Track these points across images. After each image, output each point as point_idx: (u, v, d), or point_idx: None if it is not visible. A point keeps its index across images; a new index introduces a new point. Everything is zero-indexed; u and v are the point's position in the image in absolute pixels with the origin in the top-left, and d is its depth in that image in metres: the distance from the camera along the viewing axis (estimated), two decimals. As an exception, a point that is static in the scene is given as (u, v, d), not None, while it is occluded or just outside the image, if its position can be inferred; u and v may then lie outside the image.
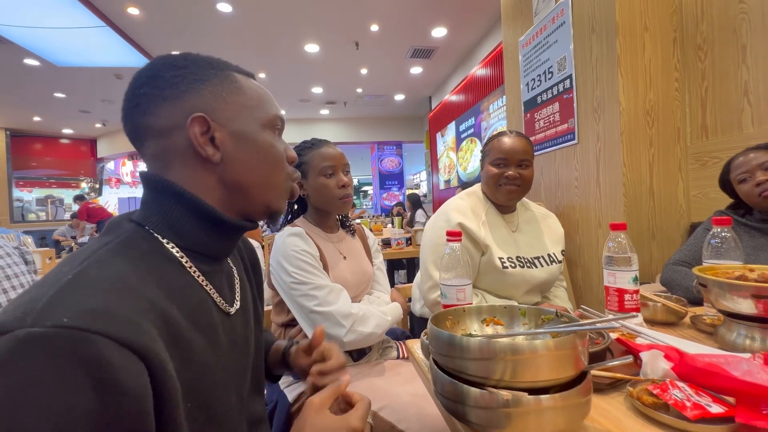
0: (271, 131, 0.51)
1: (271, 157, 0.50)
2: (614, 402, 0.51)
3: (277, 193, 0.52)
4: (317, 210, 1.09)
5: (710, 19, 1.61)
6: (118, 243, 0.41)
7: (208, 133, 0.45)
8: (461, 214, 1.13)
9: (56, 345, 0.28)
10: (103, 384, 0.29)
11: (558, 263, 1.20)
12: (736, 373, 0.46)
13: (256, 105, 0.50)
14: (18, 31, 4.29)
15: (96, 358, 0.29)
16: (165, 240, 0.44)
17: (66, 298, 0.32)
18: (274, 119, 0.51)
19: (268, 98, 0.52)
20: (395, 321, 1.03)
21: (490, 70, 4.54)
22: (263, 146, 0.49)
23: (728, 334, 0.65)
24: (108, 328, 0.31)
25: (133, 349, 0.31)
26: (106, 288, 0.34)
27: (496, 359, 0.40)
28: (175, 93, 0.45)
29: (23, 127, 8.58)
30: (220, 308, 0.48)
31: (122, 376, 0.30)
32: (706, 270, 0.70)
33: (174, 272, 0.43)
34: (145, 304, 0.36)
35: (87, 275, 0.35)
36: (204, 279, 0.46)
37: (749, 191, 1.16)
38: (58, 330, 0.29)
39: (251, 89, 0.50)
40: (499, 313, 0.58)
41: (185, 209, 0.45)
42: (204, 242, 0.47)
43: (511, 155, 1.12)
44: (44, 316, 0.29)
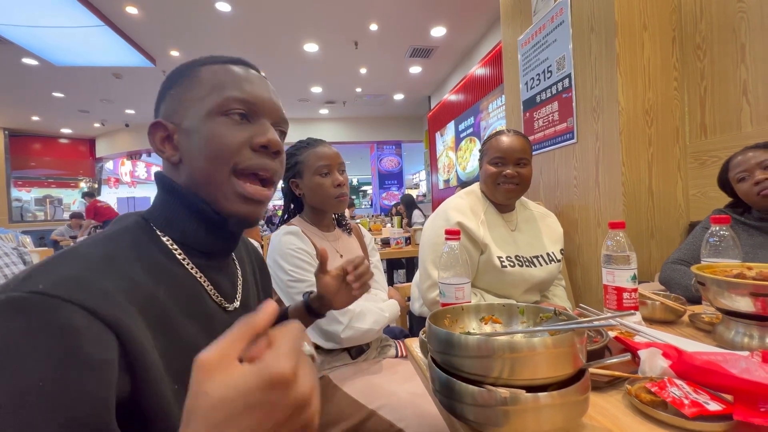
0: (223, 117, 0.46)
1: (215, 148, 0.45)
2: (612, 400, 0.51)
3: (222, 191, 0.46)
4: (313, 209, 1.09)
5: (709, 19, 1.61)
6: (117, 231, 0.43)
7: (169, 137, 0.47)
8: (460, 213, 1.13)
9: (28, 308, 0.30)
10: (66, 351, 0.30)
11: (557, 262, 1.20)
12: (734, 371, 0.46)
13: (206, 94, 0.46)
14: (16, 31, 4.28)
15: (63, 324, 0.30)
16: (162, 234, 0.46)
17: (48, 269, 0.34)
18: (225, 102, 0.45)
19: (229, 82, 0.47)
20: (393, 318, 1.04)
21: (489, 69, 4.54)
22: (206, 136, 0.45)
23: (726, 332, 0.65)
24: (80, 297, 0.32)
25: (104, 320, 0.32)
26: (89, 263, 0.36)
27: (494, 357, 0.40)
28: (156, 106, 0.50)
29: (22, 127, 8.57)
30: (216, 302, 0.49)
31: (86, 345, 0.31)
32: (705, 268, 0.70)
33: (166, 262, 0.44)
34: (127, 282, 0.37)
35: (75, 251, 0.37)
36: (198, 272, 0.47)
37: (748, 190, 1.16)
38: (32, 295, 0.31)
39: (208, 79, 0.47)
40: (497, 312, 0.58)
41: (181, 205, 0.47)
42: (197, 237, 0.47)
43: (509, 154, 1.12)
44: (24, 282, 0.32)
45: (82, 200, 9.91)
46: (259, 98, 0.48)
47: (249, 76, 0.49)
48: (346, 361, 1.00)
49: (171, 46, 4.94)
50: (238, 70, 0.49)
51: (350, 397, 0.88)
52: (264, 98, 0.49)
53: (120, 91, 6.50)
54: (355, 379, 0.94)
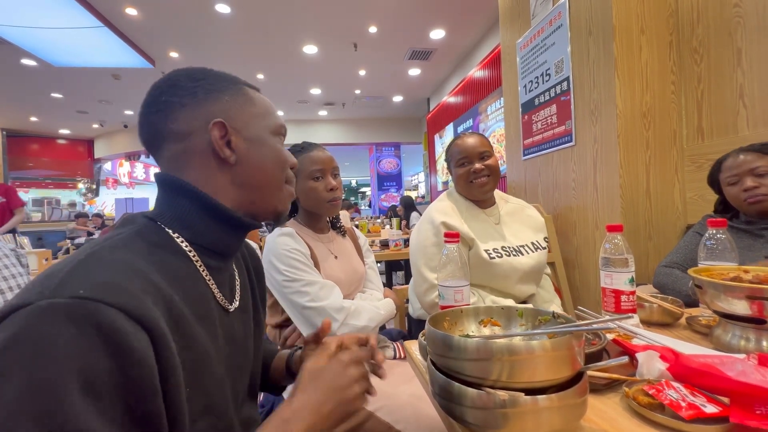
0: (278, 138, 0.56)
1: (278, 160, 0.54)
2: (610, 402, 0.51)
3: (282, 194, 0.56)
4: (307, 212, 1.10)
5: (706, 23, 1.62)
6: (130, 233, 0.44)
7: (225, 137, 0.50)
8: (443, 213, 1.17)
9: (76, 313, 0.32)
10: (118, 348, 0.32)
11: (543, 249, 1.24)
12: (731, 374, 0.46)
13: (264, 114, 0.55)
14: (15, 31, 4.28)
15: (110, 325, 0.32)
16: (175, 234, 0.47)
17: (81, 274, 0.35)
18: (279, 127, 0.56)
19: (274, 109, 0.57)
20: (388, 316, 1.04)
21: (488, 71, 4.56)
22: (272, 151, 0.54)
23: (723, 335, 0.65)
24: (119, 300, 0.34)
25: (139, 321, 0.35)
26: (115, 268, 0.38)
27: (493, 360, 0.41)
28: (194, 101, 0.49)
29: (20, 128, 8.55)
30: (219, 304, 0.50)
31: (134, 343, 0.33)
32: (702, 271, 0.71)
33: (179, 263, 0.46)
34: (149, 286, 0.39)
35: (99, 256, 0.39)
36: (208, 273, 0.49)
37: (737, 195, 1.16)
38: (76, 300, 0.32)
39: (261, 101, 0.55)
40: (496, 314, 0.59)
41: (197, 206, 0.48)
42: (213, 238, 0.50)
43: (471, 151, 1.20)
44: (63, 288, 0.33)
45: (81, 200, 9.90)
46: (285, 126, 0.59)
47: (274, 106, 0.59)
48: None
49: (170, 48, 4.94)
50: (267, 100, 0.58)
51: (349, 399, 0.88)
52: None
53: (119, 92, 6.50)
54: (354, 380, 0.94)
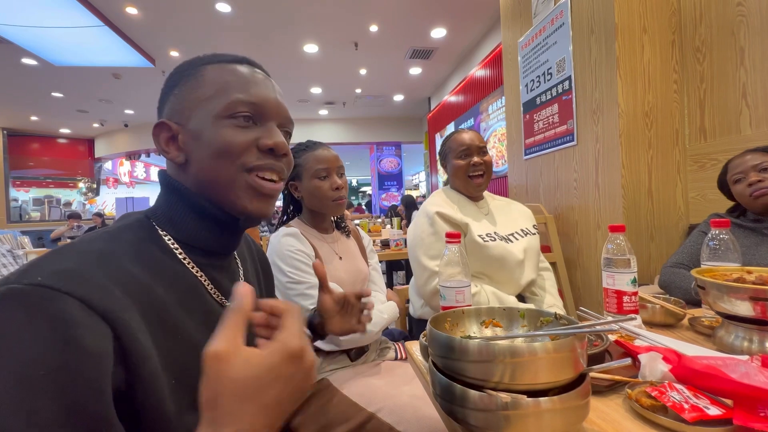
0: (230, 120, 0.46)
1: (222, 151, 0.45)
2: (613, 404, 0.51)
3: (233, 189, 0.47)
4: (312, 212, 1.09)
5: (708, 22, 1.62)
6: (118, 228, 0.44)
7: (171, 137, 0.47)
8: (437, 205, 1.23)
9: (28, 300, 0.31)
10: (65, 340, 0.31)
11: (533, 235, 1.28)
12: (734, 376, 0.46)
13: (212, 95, 0.46)
14: (15, 30, 4.28)
15: (61, 315, 0.31)
16: (163, 232, 0.46)
17: (46, 262, 0.35)
18: (232, 105, 0.46)
19: (234, 84, 0.47)
20: (391, 319, 1.04)
21: (489, 71, 4.55)
22: (214, 140, 0.45)
23: (726, 336, 0.65)
24: (76, 289, 0.33)
25: (98, 311, 0.33)
26: (87, 257, 0.37)
27: (495, 362, 0.40)
28: (160, 106, 0.50)
29: (20, 127, 8.55)
30: (215, 299, 0.49)
31: (83, 335, 0.32)
32: (705, 272, 0.70)
33: (165, 260, 0.45)
34: (124, 275, 0.38)
35: (73, 247, 0.38)
36: (198, 269, 0.47)
37: (742, 191, 1.18)
38: (31, 287, 0.32)
39: (213, 80, 0.47)
40: (498, 315, 0.58)
41: (183, 204, 0.47)
42: (199, 236, 0.48)
43: (471, 144, 1.25)
44: (23, 275, 0.33)
45: (81, 200, 9.91)
46: (264, 100, 0.48)
47: (254, 76, 0.49)
48: (345, 363, 0.99)
49: (171, 47, 4.94)
50: (243, 70, 0.49)
51: (349, 399, 0.88)
52: (270, 100, 0.49)
53: (119, 91, 6.49)
54: (355, 381, 0.94)
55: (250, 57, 0.53)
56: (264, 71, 0.53)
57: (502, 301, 1.13)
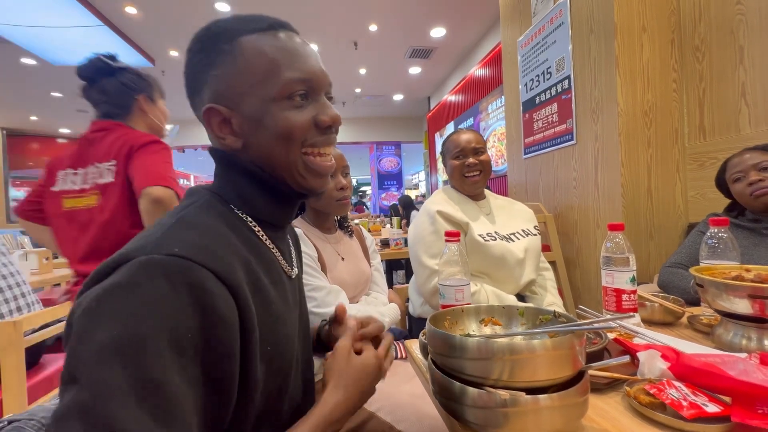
0: (288, 101, 0.45)
1: (285, 134, 0.45)
2: (611, 402, 0.51)
3: (297, 170, 0.47)
4: (315, 211, 1.09)
5: (708, 21, 1.62)
6: (202, 203, 0.45)
7: (226, 122, 0.46)
8: (438, 204, 1.23)
9: (170, 269, 0.34)
10: (206, 308, 0.34)
11: (534, 235, 1.28)
12: (732, 373, 0.46)
13: (262, 78, 0.44)
14: (14, 30, 4.27)
15: (200, 284, 0.35)
16: (236, 209, 0.48)
17: (174, 235, 0.38)
18: (287, 86, 0.45)
19: (282, 60, 0.45)
20: (393, 322, 1.04)
21: (488, 70, 4.55)
22: (275, 125, 0.45)
23: (725, 334, 0.65)
24: (209, 262, 0.36)
25: (226, 282, 0.37)
26: (203, 231, 0.40)
27: (494, 359, 0.41)
28: (196, 84, 0.47)
29: (20, 127, 8.55)
30: (284, 270, 0.52)
31: (219, 303, 0.35)
32: (703, 270, 0.70)
33: (250, 235, 0.47)
34: (233, 249, 0.41)
35: (186, 221, 0.41)
36: (271, 243, 0.51)
37: (742, 190, 1.17)
38: (172, 258, 0.35)
39: (257, 58, 0.45)
40: (497, 314, 0.59)
41: (250, 182, 0.48)
42: (269, 212, 0.50)
43: (466, 146, 1.27)
44: (160, 246, 0.36)
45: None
46: (314, 73, 0.47)
47: (298, 47, 0.47)
48: None
49: (170, 46, 4.93)
50: (284, 40, 0.46)
51: (350, 398, 0.88)
52: (317, 71, 0.47)
53: (119, 90, 6.48)
54: (355, 380, 0.94)
55: None
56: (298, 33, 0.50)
57: (502, 300, 1.13)
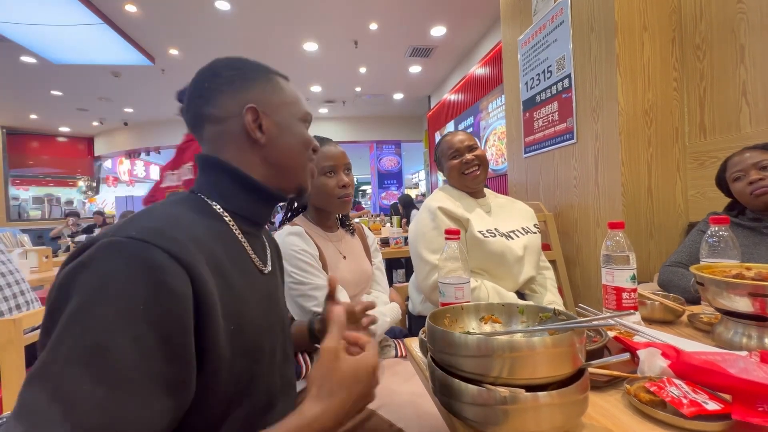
0: (304, 124, 0.62)
1: (304, 144, 0.60)
2: (612, 399, 0.51)
3: (305, 173, 0.62)
4: (317, 209, 1.08)
5: (709, 19, 1.61)
6: (178, 199, 0.53)
7: (257, 121, 0.56)
8: (439, 201, 1.25)
9: (126, 249, 0.38)
10: (158, 281, 0.38)
11: (534, 233, 1.29)
12: (733, 371, 0.46)
13: (293, 102, 0.60)
14: (14, 28, 4.27)
15: (153, 262, 0.38)
16: (212, 203, 0.54)
17: (134, 222, 0.42)
18: (306, 115, 0.62)
19: (302, 98, 0.63)
20: (394, 321, 1.03)
21: (489, 69, 4.54)
22: (299, 135, 0.60)
23: (725, 332, 0.65)
24: (162, 242, 0.40)
25: (179, 261, 0.40)
26: (164, 219, 0.45)
27: (493, 356, 0.40)
28: (232, 88, 0.56)
29: (20, 125, 8.54)
30: (255, 264, 0.56)
31: (171, 280, 0.38)
32: (704, 268, 0.70)
33: (219, 225, 0.53)
34: (195, 235, 0.45)
35: (151, 211, 0.47)
36: (243, 236, 0.55)
37: (742, 189, 1.17)
38: (128, 239, 0.39)
39: (290, 90, 0.61)
40: (497, 311, 0.58)
41: (232, 180, 0.55)
42: (246, 207, 0.56)
43: (460, 145, 1.30)
44: (119, 231, 0.40)
45: (81, 198, 9.90)
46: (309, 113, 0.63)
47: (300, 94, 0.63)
48: None
49: (170, 45, 4.93)
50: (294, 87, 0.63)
51: (350, 396, 0.88)
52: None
53: (119, 89, 6.49)
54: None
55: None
56: None
57: (502, 297, 1.13)
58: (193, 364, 0.40)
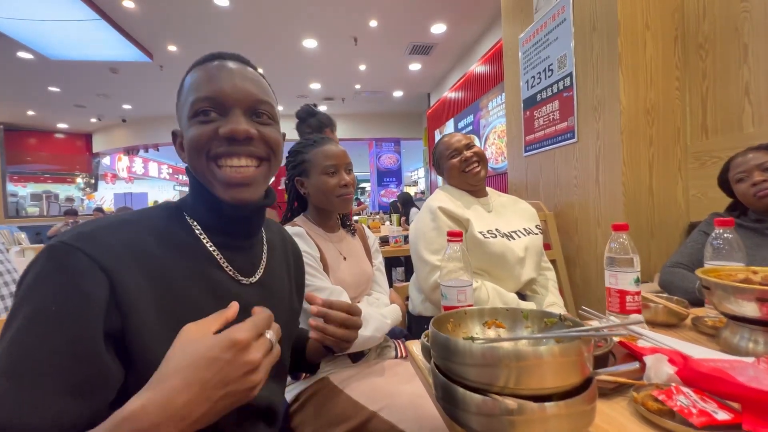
0: (195, 119, 0.50)
1: (191, 147, 0.51)
2: (618, 407, 0.50)
3: (209, 181, 0.52)
4: (318, 209, 1.07)
5: (712, 18, 1.60)
6: (152, 207, 0.54)
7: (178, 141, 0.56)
8: (440, 201, 1.24)
9: (56, 253, 0.41)
10: (70, 285, 0.40)
11: (535, 234, 1.28)
12: (742, 379, 0.45)
13: (184, 101, 0.53)
14: (11, 24, 4.23)
15: (71, 265, 0.41)
16: (189, 217, 0.54)
17: (80, 226, 0.45)
18: (193, 105, 0.50)
19: (195, 84, 0.51)
20: (394, 324, 1.03)
21: (489, 67, 4.52)
22: (187, 140, 0.52)
23: (732, 336, 0.64)
24: (85, 246, 0.42)
25: (99, 264, 0.42)
26: (104, 223, 0.46)
27: (500, 366, 0.39)
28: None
29: (17, 122, 8.49)
30: (228, 273, 0.54)
31: (84, 282, 0.40)
32: (710, 272, 0.69)
33: (182, 236, 0.52)
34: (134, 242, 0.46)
35: (107, 216, 0.49)
36: (215, 248, 0.54)
37: (745, 191, 1.16)
38: (59, 243, 0.42)
39: (186, 86, 0.53)
40: (501, 316, 0.57)
41: (200, 195, 0.54)
42: (213, 220, 0.54)
43: (457, 144, 1.31)
44: (62, 236, 0.43)
45: (80, 195, 9.86)
46: (220, 92, 0.50)
47: (213, 71, 0.51)
48: (346, 364, 0.99)
49: (169, 41, 4.89)
50: (207, 67, 0.52)
51: (351, 398, 0.87)
52: (224, 89, 0.51)
53: (117, 86, 6.45)
54: (356, 381, 0.93)
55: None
56: (238, 59, 0.55)
57: (503, 297, 1.12)
58: (107, 365, 0.40)
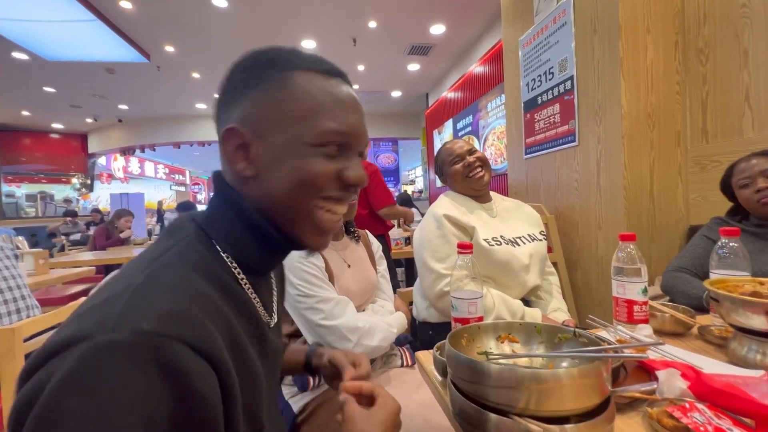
0: (320, 149, 0.42)
1: (306, 181, 0.42)
2: (632, 422, 0.50)
3: (300, 222, 0.44)
4: None
5: (712, 23, 1.61)
6: (182, 247, 0.40)
7: (241, 146, 0.42)
8: (444, 208, 1.24)
9: (138, 351, 0.29)
10: (182, 390, 0.30)
11: (540, 241, 1.29)
12: (755, 395, 0.46)
13: (306, 117, 0.42)
14: (6, 24, 4.19)
15: (174, 364, 0.30)
16: (222, 250, 0.43)
17: (141, 303, 0.32)
18: (325, 135, 0.42)
19: (329, 107, 0.43)
20: (400, 331, 1.03)
21: (488, 67, 4.52)
22: (300, 168, 0.42)
23: (739, 348, 0.65)
24: (183, 333, 0.31)
25: (205, 355, 0.32)
26: (176, 291, 0.35)
27: (520, 388, 0.40)
28: (229, 100, 0.44)
29: (12, 122, 8.42)
30: (263, 320, 0.47)
31: (198, 383, 0.31)
32: (717, 283, 0.70)
33: (229, 281, 0.42)
34: (211, 305, 0.36)
35: (157, 278, 0.35)
36: (252, 291, 0.45)
37: (749, 196, 1.17)
38: (138, 336, 0.29)
39: (304, 96, 0.42)
40: (514, 330, 0.58)
41: (243, 223, 0.43)
42: (255, 257, 0.45)
43: (460, 150, 1.32)
44: (124, 321, 0.30)
45: (75, 195, 9.79)
46: (355, 130, 0.45)
47: (348, 99, 0.45)
48: None
49: (166, 42, 4.86)
50: (336, 88, 0.44)
51: (358, 408, 0.87)
52: (359, 129, 0.45)
53: (113, 86, 6.40)
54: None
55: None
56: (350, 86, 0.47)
57: (509, 304, 1.13)
58: None
